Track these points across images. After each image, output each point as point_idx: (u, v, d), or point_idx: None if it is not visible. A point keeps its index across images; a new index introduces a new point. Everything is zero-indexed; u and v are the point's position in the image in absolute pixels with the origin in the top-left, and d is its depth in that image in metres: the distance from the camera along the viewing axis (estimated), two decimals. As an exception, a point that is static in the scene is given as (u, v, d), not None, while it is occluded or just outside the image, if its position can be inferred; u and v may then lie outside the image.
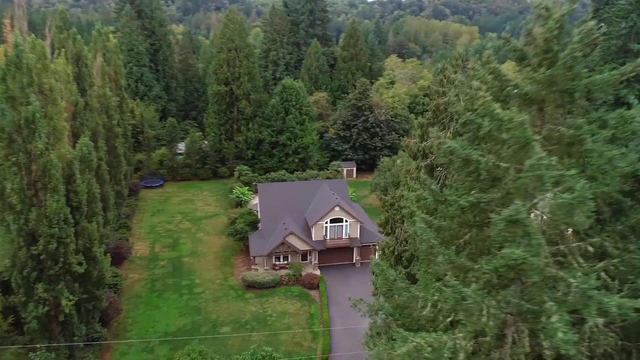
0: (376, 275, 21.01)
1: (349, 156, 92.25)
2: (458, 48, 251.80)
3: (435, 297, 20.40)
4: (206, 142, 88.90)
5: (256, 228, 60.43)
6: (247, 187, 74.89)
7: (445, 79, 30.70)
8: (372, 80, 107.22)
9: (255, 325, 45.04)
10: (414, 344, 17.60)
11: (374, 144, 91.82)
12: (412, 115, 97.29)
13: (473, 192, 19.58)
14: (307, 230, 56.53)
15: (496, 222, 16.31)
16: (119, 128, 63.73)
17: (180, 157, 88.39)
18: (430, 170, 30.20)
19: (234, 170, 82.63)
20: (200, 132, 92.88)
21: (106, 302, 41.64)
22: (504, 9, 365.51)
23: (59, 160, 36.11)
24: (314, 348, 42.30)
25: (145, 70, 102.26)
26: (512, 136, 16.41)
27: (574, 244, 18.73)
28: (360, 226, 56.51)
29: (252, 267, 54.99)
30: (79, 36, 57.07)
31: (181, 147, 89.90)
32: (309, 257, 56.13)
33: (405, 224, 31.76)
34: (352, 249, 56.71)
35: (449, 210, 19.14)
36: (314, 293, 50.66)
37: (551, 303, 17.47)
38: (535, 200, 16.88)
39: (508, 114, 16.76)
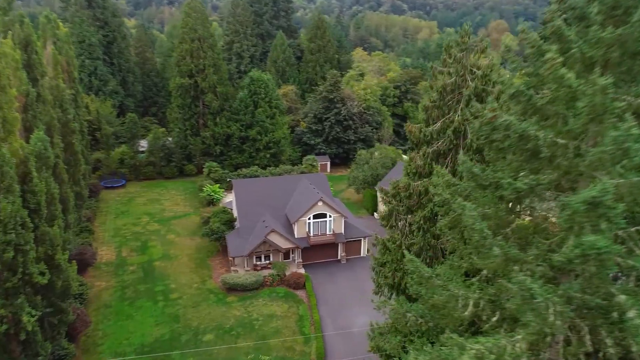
0: (410, 273, 18.28)
1: (322, 150, 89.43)
2: (419, 42, 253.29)
3: (476, 295, 17.96)
4: (170, 138, 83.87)
5: (233, 227, 56.71)
6: (218, 185, 70.78)
7: (450, 58, 28.26)
8: (342, 73, 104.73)
9: (241, 331, 41.54)
10: (474, 351, 14.99)
11: (347, 137, 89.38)
12: (385, 108, 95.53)
13: (522, 173, 17.22)
14: (289, 227, 53.34)
15: (572, 204, 13.86)
16: (76, 123, 58.36)
17: (143, 155, 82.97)
18: (437, 157, 27.76)
19: (203, 167, 78.18)
20: (164, 128, 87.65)
21: (73, 314, 37.12)
22: (460, 4, 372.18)
23: (12, 156, 31.55)
24: (308, 352, 39.29)
25: (99, 63, 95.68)
26: (589, 104, 14.01)
27: (633, 229, 16.68)
28: (344, 221, 53.83)
29: (232, 268, 51.30)
30: (27, 19, 51.46)
31: (143, 144, 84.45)
32: (291, 256, 52.98)
33: (410, 216, 29.28)
34: (337, 245, 53.96)
35: (494, 195, 16.65)
36: (300, 293, 47.59)
37: (623, 296, 15.28)
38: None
39: (583, 79, 14.38)
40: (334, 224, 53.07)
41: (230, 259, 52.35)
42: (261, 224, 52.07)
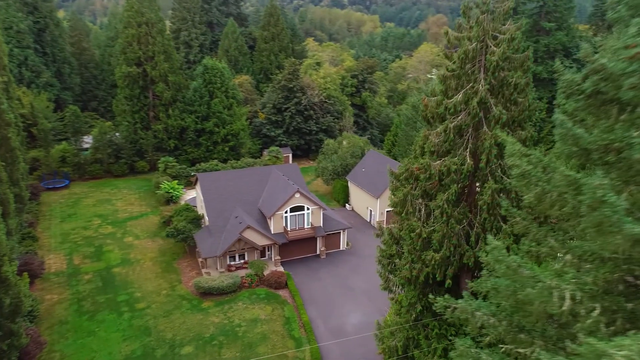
0: (494, 264, 15.04)
1: (283, 142, 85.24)
2: (364, 35, 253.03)
3: (571, 286, 15.03)
4: (118, 133, 76.67)
5: (200, 225, 51.74)
6: (176, 181, 65.11)
7: (468, 21, 25.35)
8: (300, 62, 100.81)
9: (224, 340, 37.06)
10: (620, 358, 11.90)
11: (308, 128, 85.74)
12: (345, 97, 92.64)
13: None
14: (264, 222, 49.14)
15: None
16: (10, 114, 51.01)
17: (87, 152, 75.37)
18: (459, 131, 24.84)
19: (158, 163, 71.99)
20: (110, 122, 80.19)
21: (26, 336, 31.26)
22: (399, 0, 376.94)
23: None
24: (302, 358, 35.51)
25: (30, 52, 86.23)
26: None
27: None
28: (322, 213, 50.32)
29: (204, 271, 46.48)
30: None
31: (87, 140, 76.77)
32: (267, 253, 48.86)
33: (428, 201, 26.18)
34: (315, 239, 50.36)
35: (603, 160, 13.72)
36: (283, 293, 43.62)
37: None
38: None
39: None
40: (312, 217, 49.43)
41: (200, 260, 47.53)
42: (234, 220, 47.55)
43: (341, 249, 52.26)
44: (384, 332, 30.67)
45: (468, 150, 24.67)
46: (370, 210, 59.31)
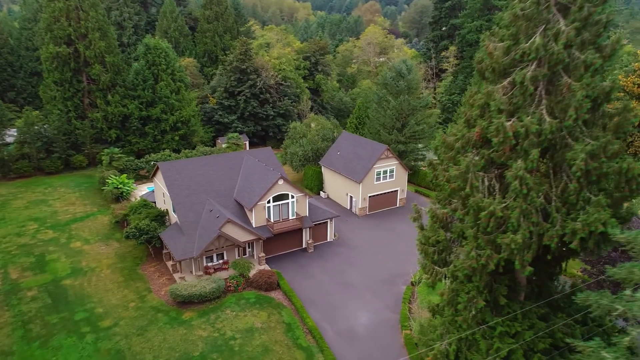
0: None
1: (237, 128, 78.17)
2: (299, 22, 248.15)
3: None
4: (48, 124, 66.15)
5: (164, 223, 44.46)
6: (125, 175, 56.64)
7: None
8: (250, 42, 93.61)
9: (218, 358, 30.73)
10: None
11: (265, 113, 79.24)
12: (300, 79, 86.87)
13: None
14: (243, 215, 42.80)
15: None
16: None
17: (11, 146, 64.44)
18: (550, 81, 20.29)
19: (100, 156, 62.94)
20: (37, 112, 69.32)
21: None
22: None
23: None
24: (316, 371, 30.10)
25: None
26: None
27: None
28: (308, 201, 44.79)
29: (177, 276, 39.53)
30: None
31: (11, 133, 65.68)
32: (248, 250, 42.63)
33: (496, 171, 21.51)
34: (301, 231, 44.76)
35: None
36: (275, 295, 37.73)
37: None
38: None
39: None
40: (297, 206, 43.75)
41: (172, 264, 40.46)
42: (208, 215, 40.85)
43: (328, 240, 47.05)
44: (427, 334, 25.94)
45: (544, 106, 20.29)
46: (351, 197, 54.46)
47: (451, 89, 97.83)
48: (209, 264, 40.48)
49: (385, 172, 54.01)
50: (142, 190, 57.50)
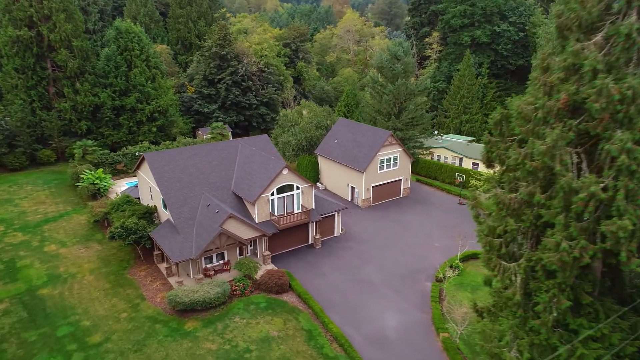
0: None
1: (219, 119, 73.08)
2: (269, 12, 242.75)
3: None
4: (9, 116, 59.40)
5: (153, 221, 39.55)
6: (101, 170, 51.02)
7: None
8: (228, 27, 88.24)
9: (234, 375, 26.48)
10: None
11: (248, 101, 74.38)
12: (283, 66, 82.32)
13: None
14: (243, 209, 38.35)
15: None
16: None
17: (-33, 141, 57.56)
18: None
19: (72, 150, 57.03)
20: (-5, 102, 62.55)
21: None
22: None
23: None
24: (349, 385, 26.22)
25: None
26: None
27: None
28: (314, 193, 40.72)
29: (174, 280, 34.85)
30: None
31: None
32: (249, 249, 38.23)
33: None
34: (307, 226, 40.69)
35: None
36: (288, 298, 33.57)
37: None
38: None
39: None
40: (303, 198, 39.63)
41: (166, 266, 35.69)
42: (206, 210, 36.27)
43: (335, 234, 43.16)
44: (490, 342, 22.41)
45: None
46: (353, 188, 50.67)
47: (436, 76, 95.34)
48: (208, 265, 35.95)
49: (389, 160, 50.46)
50: (121, 186, 52.07)
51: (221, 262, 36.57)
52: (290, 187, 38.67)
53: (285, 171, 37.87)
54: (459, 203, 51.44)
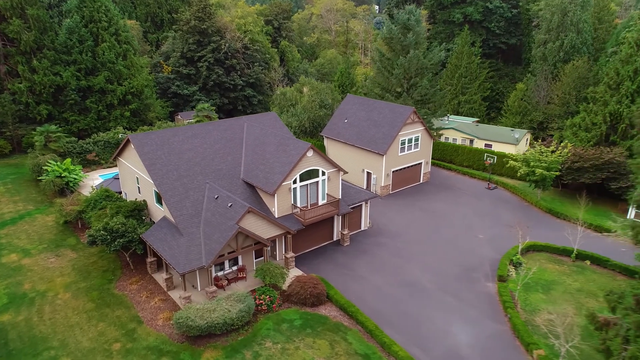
0: None
1: (200, 102, 64.70)
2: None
3: None
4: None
5: (142, 219, 31.67)
6: (69, 160, 42.33)
7: None
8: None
9: None
10: None
11: (232, 82, 66.31)
12: (268, 44, 74.41)
13: None
14: (256, 201, 31.03)
15: None
16: None
17: None
18: None
19: (32, 137, 47.97)
20: None
21: None
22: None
23: None
24: None
25: None
26: None
27: None
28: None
29: (177, 295, 27.23)
30: None
31: None
32: (268, 250, 30.85)
33: None
34: (332, 219, 33.73)
35: None
36: (328, 311, 26.58)
37: None
38: None
39: None
40: (328, 186, 32.60)
41: (165, 278, 28.03)
42: (214, 204, 28.76)
43: (362, 228, 36.40)
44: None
45: None
46: (369, 173, 43.91)
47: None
48: (219, 273, 28.58)
49: (410, 140, 43.98)
50: (94, 180, 43.64)
51: (234, 268, 29.22)
52: (314, 173, 31.55)
53: (310, 153, 30.71)
54: (487, 188, 45.57)
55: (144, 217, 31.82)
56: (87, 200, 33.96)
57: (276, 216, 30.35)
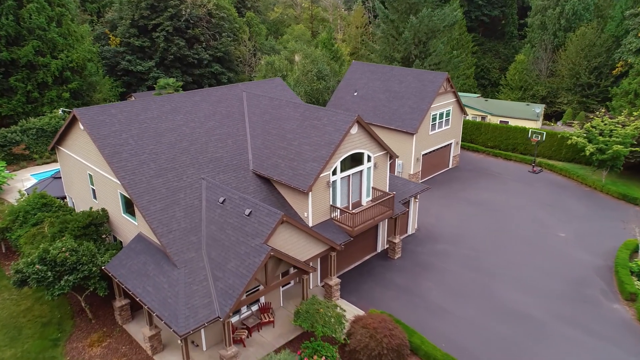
0: None
1: (159, 79, 52.88)
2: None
3: None
4: None
5: (103, 239, 20.73)
6: (-15, 154, 30.33)
7: None
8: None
9: None
10: None
11: (196, 56, 54.80)
12: (235, 12, 63.18)
13: None
14: (280, 202, 20.88)
15: None
16: None
17: None
18: None
19: None
20: None
21: None
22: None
23: None
24: None
25: None
26: None
27: None
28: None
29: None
30: None
31: None
32: (309, 279, 20.80)
33: None
34: (377, 226, 24.08)
35: None
36: (416, 373, 17.10)
37: None
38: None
39: None
40: (374, 175, 22.85)
41: (151, 333, 17.42)
42: (221, 211, 18.38)
43: (409, 233, 27.01)
44: None
45: None
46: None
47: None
48: (234, 319, 18.36)
49: (441, 115, 34.95)
50: (24, 180, 31.78)
51: (254, 308, 19.07)
52: (358, 159, 21.74)
53: (354, 129, 20.83)
54: (532, 171, 37.38)
55: (104, 236, 20.90)
56: (14, 211, 22.60)
57: (310, 224, 20.36)
